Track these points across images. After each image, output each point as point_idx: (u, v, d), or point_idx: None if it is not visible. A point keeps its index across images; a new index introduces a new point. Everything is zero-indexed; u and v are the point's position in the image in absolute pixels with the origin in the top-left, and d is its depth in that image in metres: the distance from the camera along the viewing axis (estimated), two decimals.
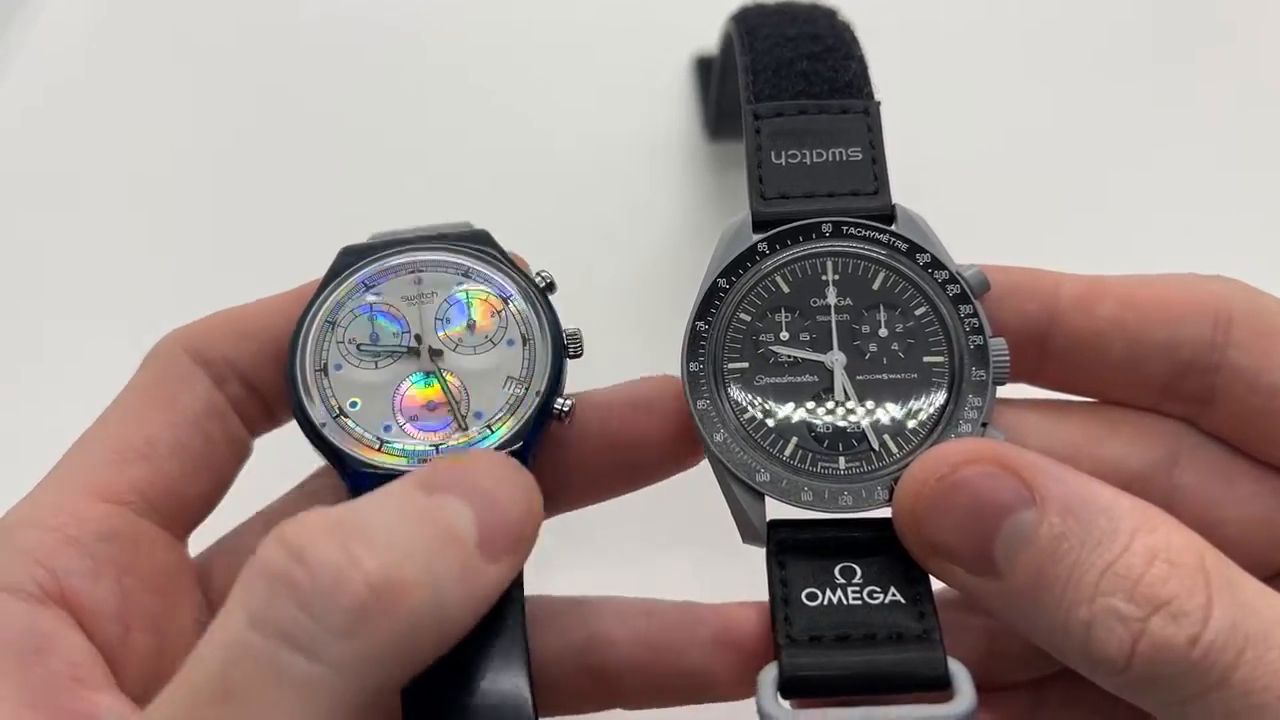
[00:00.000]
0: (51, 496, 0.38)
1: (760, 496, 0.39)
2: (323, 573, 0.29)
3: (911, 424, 0.40)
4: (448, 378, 0.41)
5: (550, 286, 0.44)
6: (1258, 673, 0.31)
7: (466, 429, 0.40)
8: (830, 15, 0.49)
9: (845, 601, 0.37)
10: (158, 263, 0.73)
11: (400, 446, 0.40)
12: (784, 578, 0.38)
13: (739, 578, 0.42)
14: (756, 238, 0.42)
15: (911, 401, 0.40)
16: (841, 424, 0.40)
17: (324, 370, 0.41)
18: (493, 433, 0.40)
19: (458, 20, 0.80)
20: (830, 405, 0.40)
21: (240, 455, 0.44)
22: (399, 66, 0.79)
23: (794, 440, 0.40)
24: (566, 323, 0.44)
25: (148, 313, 0.65)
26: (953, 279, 0.41)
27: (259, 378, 0.43)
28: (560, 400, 0.41)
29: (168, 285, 0.71)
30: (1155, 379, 0.41)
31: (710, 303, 0.42)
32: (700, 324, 0.41)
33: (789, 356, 0.41)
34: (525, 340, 0.42)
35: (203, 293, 0.50)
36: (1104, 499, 0.34)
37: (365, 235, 0.47)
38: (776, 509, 0.40)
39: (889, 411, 0.40)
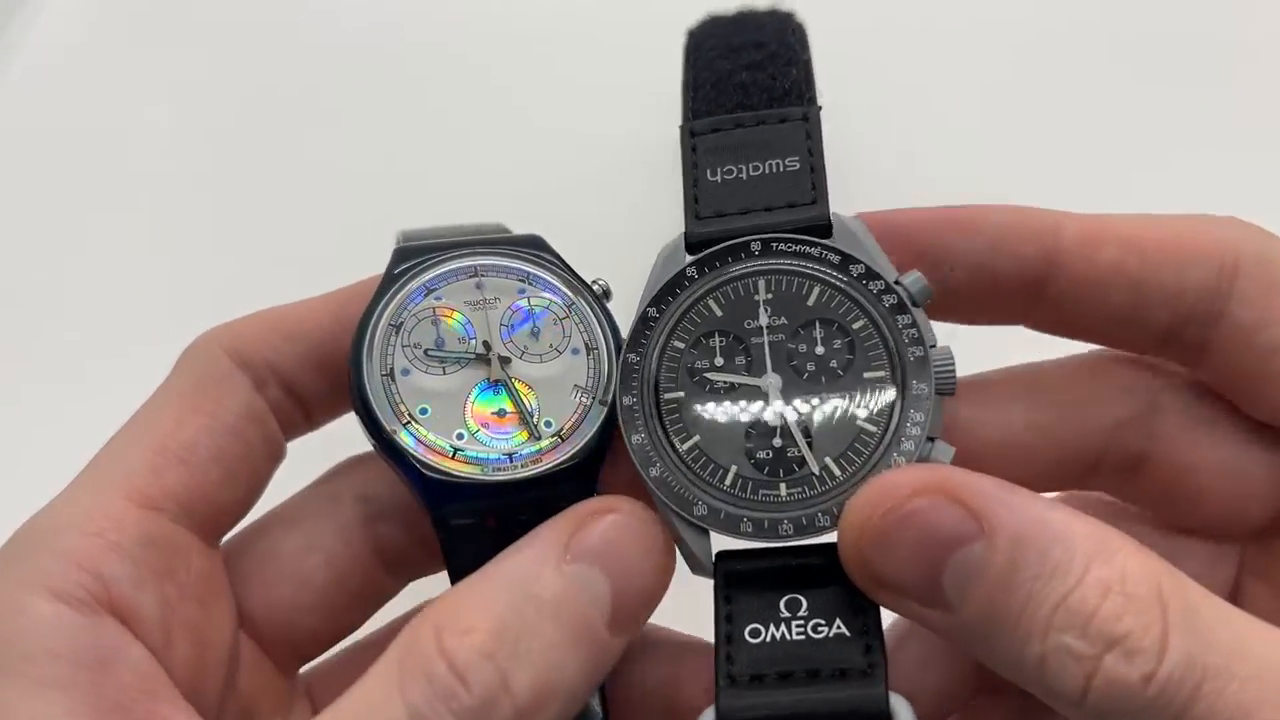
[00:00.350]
0: (86, 499, 0.37)
1: (704, 529, 0.38)
2: (480, 693, 0.32)
3: (854, 444, 0.38)
4: (518, 386, 0.40)
5: (606, 294, 0.44)
6: (1218, 706, 0.30)
7: (539, 438, 0.40)
8: (781, 19, 0.47)
9: (789, 637, 0.36)
10: (171, 261, 0.72)
11: (473, 454, 0.39)
12: (729, 613, 0.37)
13: None
14: (688, 260, 0.41)
15: (853, 420, 0.38)
16: (780, 449, 0.39)
17: (391, 375, 0.40)
18: (564, 441, 0.40)
19: (474, 23, 0.80)
20: (767, 431, 0.39)
21: (275, 460, 0.43)
22: (417, 66, 0.78)
23: (733, 469, 0.39)
24: None
25: (161, 311, 0.64)
26: (888, 289, 0.39)
27: (300, 381, 0.42)
28: None
29: (183, 283, 0.70)
30: (1156, 326, 0.40)
31: (641, 333, 0.40)
32: (632, 356, 0.40)
33: (724, 382, 0.40)
34: (590, 349, 0.42)
35: (218, 291, 0.49)
36: (1057, 526, 0.32)
37: (383, 233, 0.45)
38: (725, 539, 0.38)
39: (829, 432, 0.38)
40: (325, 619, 0.42)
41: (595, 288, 0.43)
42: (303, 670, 0.44)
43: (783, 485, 0.38)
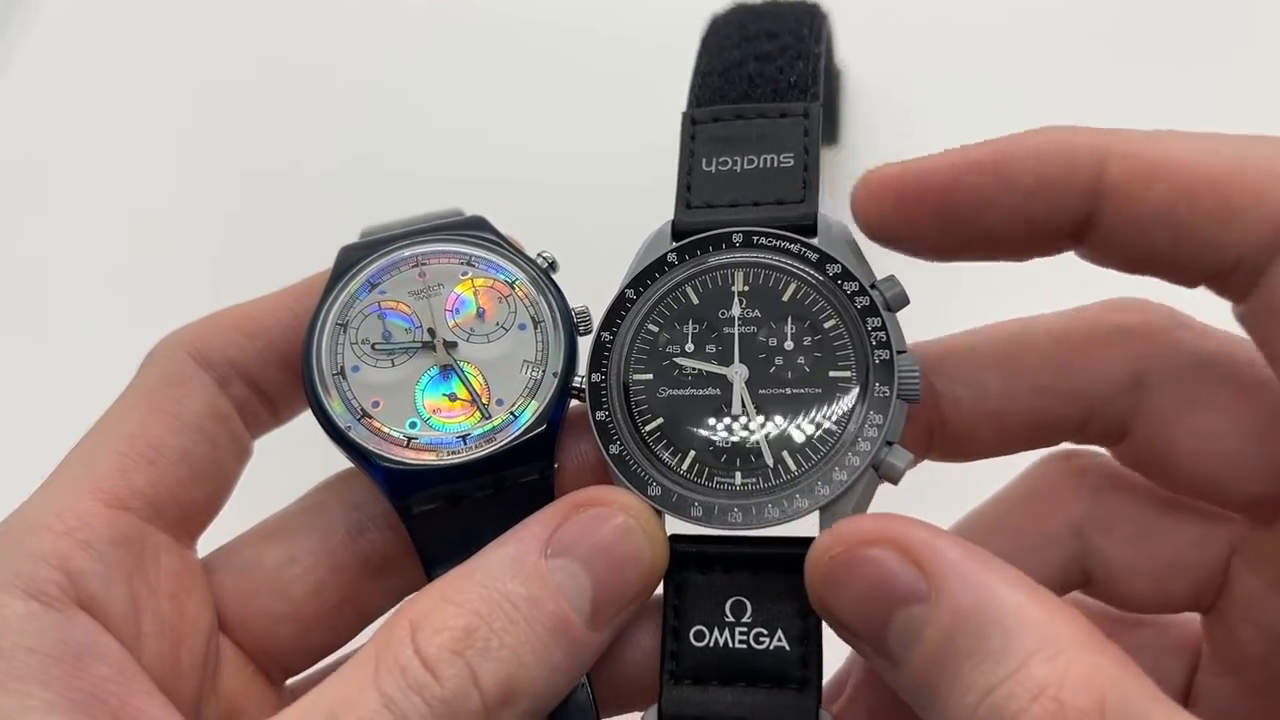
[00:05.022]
0: (56, 500, 0.38)
1: (658, 511, 0.39)
2: (450, 687, 0.33)
3: (811, 441, 0.39)
4: (466, 368, 0.41)
5: (553, 266, 0.44)
6: None
7: (490, 417, 0.41)
8: (803, 11, 0.47)
9: (732, 644, 0.37)
10: (156, 259, 0.73)
11: (427, 440, 0.40)
12: (677, 605, 0.38)
13: None
14: (670, 247, 0.42)
15: (813, 418, 0.39)
16: (739, 439, 0.39)
17: (341, 374, 0.41)
18: (516, 418, 0.41)
19: (479, 23, 0.80)
20: (729, 419, 0.40)
21: (242, 458, 0.44)
22: (413, 65, 0.79)
23: (692, 454, 0.39)
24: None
25: (146, 308, 0.65)
26: (862, 291, 0.40)
27: (263, 377, 0.43)
28: (578, 378, 0.42)
29: (166, 280, 0.71)
30: (1199, 270, 0.37)
31: (616, 313, 0.41)
32: (605, 334, 0.41)
33: (692, 369, 0.40)
34: (536, 323, 0.42)
35: (202, 288, 0.50)
36: (1004, 608, 0.30)
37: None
38: (684, 524, 0.39)
39: (788, 427, 0.39)
40: (305, 630, 0.42)
41: (540, 260, 0.44)
42: (293, 682, 0.44)
43: (738, 474, 0.39)
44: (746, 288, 0.41)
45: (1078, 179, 0.35)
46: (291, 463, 0.47)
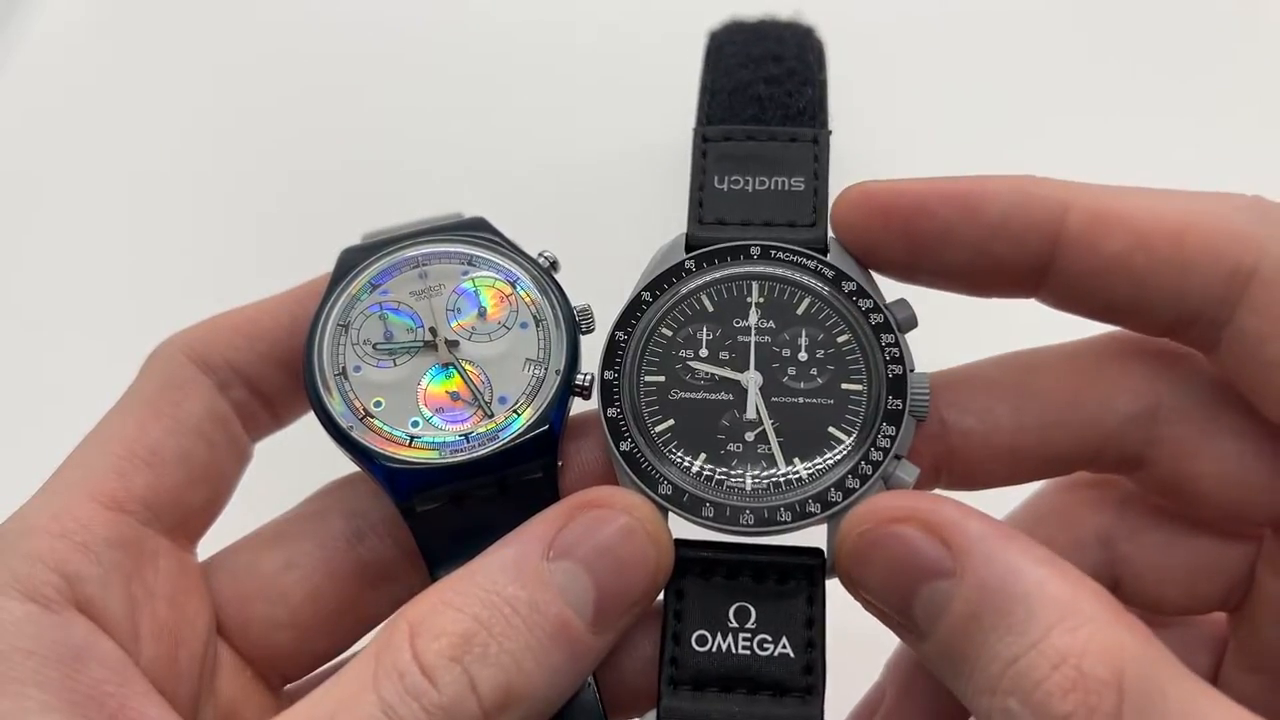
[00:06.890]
0: (55, 503, 0.38)
1: (664, 513, 0.39)
2: (448, 693, 0.33)
3: (823, 449, 0.39)
4: (467, 367, 0.41)
5: (554, 265, 0.44)
6: None
7: (492, 415, 0.40)
8: (802, 35, 0.48)
9: (734, 650, 0.37)
10: (156, 262, 0.73)
11: (429, 439, 0.40)
12: (679, 610, 0.38)
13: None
14: (686, 256, 0.42)
15: (825, 426, 0.39)
16: (751, 443, 0.39)
17: (343, 374, 0.41)
18: (519, 416, 0.40)
19: (474, 23, 0.81)
20: (742, 424, 0.40)
21: (242, 462, 0.44)
22: (413, 67, 0.79)
23: (703, 456, 0.39)
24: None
25: (146, 312, 0.65)
26: (876, 309, 0.40)
27: (263, 380, 0.43)
28: (581, 375, 0.41)
29: (167, 284, 0.71)
30: (1159, 320, 0.38)
31: (631, 314, 0.41)
32: (619, 334, 0.41)
33: (706, 374, 0.40)
34: (538, 322, 0.42)
35: (203, 291, 0.50)
36: (1028, 583, 0.31)
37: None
38: (686, 530, 0.39)
39: (800, 435, 0.39)
40: (303, 636, 0.42)
41: (541, 260, 0.44)
42: (292, 688, 0.44)
43: (749, 479, 0.39)
44: (762, 299, 0.41)
45: (1038, 222, 0.37)
46: (295, 468, 0.47)
